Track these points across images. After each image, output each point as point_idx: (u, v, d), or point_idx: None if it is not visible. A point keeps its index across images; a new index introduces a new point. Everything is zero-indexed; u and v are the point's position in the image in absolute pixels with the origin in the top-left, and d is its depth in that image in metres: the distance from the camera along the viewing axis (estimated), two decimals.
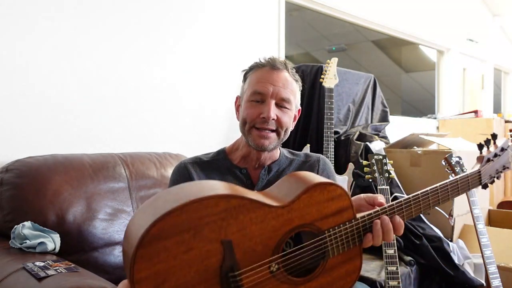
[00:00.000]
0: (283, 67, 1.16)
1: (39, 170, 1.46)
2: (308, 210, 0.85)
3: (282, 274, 0.83)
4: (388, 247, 1.70)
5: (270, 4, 2.71)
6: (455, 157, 1.92)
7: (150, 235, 0.71)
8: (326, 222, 0.87)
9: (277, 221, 0.82)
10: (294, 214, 0.84)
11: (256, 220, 0.80)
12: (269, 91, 1.12)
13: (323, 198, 0.87)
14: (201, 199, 0.75)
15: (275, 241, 0.82)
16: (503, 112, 6.13)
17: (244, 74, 1.22)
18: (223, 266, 0.76)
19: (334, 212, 0.88)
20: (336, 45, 4.63)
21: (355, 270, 0.90)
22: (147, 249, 0.71)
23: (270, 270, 0.81)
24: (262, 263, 0.80)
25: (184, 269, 0.73)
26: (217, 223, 0.76)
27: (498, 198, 3.55)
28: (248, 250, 0.79)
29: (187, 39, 2.24)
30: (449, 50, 4.76)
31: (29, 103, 1.69)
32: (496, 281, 1.72)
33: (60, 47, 1.77)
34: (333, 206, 0.88)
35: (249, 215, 0.79)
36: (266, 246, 0.81)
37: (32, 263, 1.15)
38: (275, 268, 0.82)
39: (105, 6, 1.91)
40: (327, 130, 2.29)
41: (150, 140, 2.08)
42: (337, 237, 0.87)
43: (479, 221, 1.80)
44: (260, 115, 1.12)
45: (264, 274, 0.81)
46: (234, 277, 0.77)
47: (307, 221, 0.85)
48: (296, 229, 0.84)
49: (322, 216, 0.87)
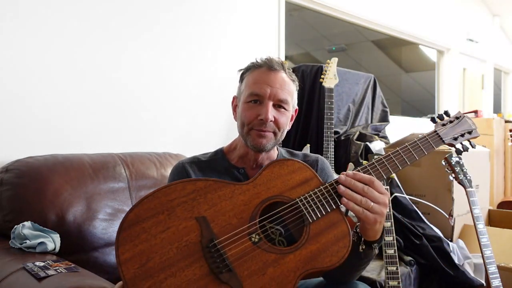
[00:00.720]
0: (280, 68, 1.15)
1: (39, 170, 1.46)
2: (273, 184, 0.91)
3: (266, 244, 0.85)
4: (388, 247, 1.70)
5: (270, 4, 2.70)
6: (455, 157, 1.92)
7: (128, 220, 0.80)
8: (295, 192, 0.92)
9: (245, 196, 0.88)
10: (259, 188, 0.90)
11: (225, 197, 0.87)
12: (266, 93, 1.11)
13: (283, 172, 0.93)
14: (168, 185, 0.85)
15: (248, 213, 0.87)
16: (503, 112, 6.13)
17: (240, 74, 1.21)
18: (202, 240, 0.81)
19: (299, 183, 0.93)
20: (336, 45, 4.63)
21: (344, 234, 0.91)
22: (127, 232, 0.79)
23: (252, 241, 0.84)
24: (239, 231, 0.84)
25: (165, 246, 0.79)
26: (188, 203, 0.84)
27: (498, 198, 3.55)
28: (224, 224, 0.84)
29: (187, 39, 2.24)
30: (449, 50, 4.76)
31: (29, 103, 1.69)
32: (496, 281, 1.72)
33: (60, 48, 1.77)
34: (297, 177, 0.93)
35: (216, 193, 0.86)
36: (241, 218, 0.86)
37: (32, 263, 1.14)
38: (257, 238, 0.85)
39: (105, 8, 1.91)
40: (327, 130, 2.29)
41: (150, 140, 2.08)
42: (309, 201, 0.91)
43: (479, 221, 1.80)
44: (258, 116, 1.12)
45: (247, 245, 0.84)
46: (214, 246, 0.81)
47: (275, 193, 0.91)
48: (266, 201, 0.89)
49: (289, 187, 0.92)
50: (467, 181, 1.86)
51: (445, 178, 2.06)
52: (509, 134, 3.69)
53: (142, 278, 0.75)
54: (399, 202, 2.23)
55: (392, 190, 2.22)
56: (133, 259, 0.77)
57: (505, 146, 3.77)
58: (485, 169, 2.81)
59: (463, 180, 1.86)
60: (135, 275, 0.75)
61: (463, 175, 1.88)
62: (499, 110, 6.23)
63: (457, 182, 1.88)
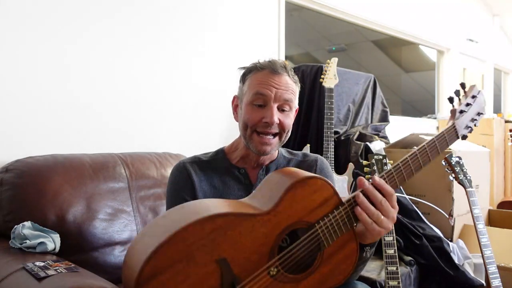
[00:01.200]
0: (283, 71, 1.14)
1: (39, 170, 1.46)
2: (294, 209, 0.85)
3: (283, 275, 0.83)
4: (388, 247, 1.70)
5: (270, 4, 2.70)
6: (455, 157, 1.92)
7: (145, 275, 0.72)
8: (314, 215, 0.87)
9: (266, 228, 0.82)
10: (281, 217, 0.84)
11: (245, 232, 0.80)
12: (271, 95, 1.11)
13: (305, 193, 0.87)
14: (185, 227, 0.76)
15: (268, 246, 0.82)
16: (503, 112, 6.12)
17: (242, 74, 1.21)
18: (223, 284, 0.77)
19: (319, 204, 0.88)
20: (336, 45, 4.63)
21: (352, 252, 0.90)
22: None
23: (270, 275, 0.82)
24: (260, 271, 0.81)
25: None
26: (208, 246, 0.77)
27: (498, 198, 3.55)
28: (244, 262, 0.80)
29: (187, 39, 2.24)
30: (449, 50, 4.76)
31: (29, 103, 1.69)
32: (496, 281, 1.72)
33: (60, 48, 1.77)
34: (318, 198, 0.88)
35: (237, 230, 0.80)
36: (261, 253, 0.82)
37: (32, 263, 1.14)
38: (275, 271, 0.83)
39: (105, 8, 1.91)
40: (327, 130, 2.29)
41: (150, 140, 2.08)
42: (328, 226, 0.87)
43: (479, 221, 1.80)
44: (262, 119, 1.11)
45: (266, 280, 0.82)
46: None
47: (295, 219, 0.85)
48: (286, 230, 0.85)
49: (309, 211, 0.87)
50: (467, 181, 1.86)
51: (445, 178, 2.06)
52: (509, 134, 3.69)
53: None
54: (399, 202, 2.21)
55: None
56: None
57: (505, 146, 3.77)
58: (485, 169, 2.80)
59: (463, 180, 1.86)
60: None
61: (463, 175, 1.88)
62: (499, 110, 6.23)
63: (457, 182, 1.88)
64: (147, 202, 1.70)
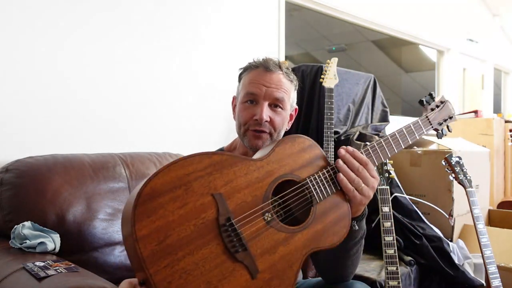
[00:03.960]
0: (276, 68, 1.14)
1: (39, 170, 1.46)
2: (285, 161, 0.92)
3: (277, 224, 0.87)
4: (388, 247, 1.70)
5: (270, 4, 2.70)
6: (455, 157, 1.92)
7: (144, 194, 0.75)
8: (305, 171, 0.94)
9: (259, 173, 0.88)
10: (273, 166, 0.91)
11: (240, 173, 0.86)
12: (261, 93, 1.11)
13: (295, 149, 0.95)
14: (184, 157, 0.83)
15: (262, 191, 0.87)
16: (503, 112, 6.12)
17: (239, 74, 1.22)
18: (219, 218, 0.80)
19: (308, 162, 0.96)
20: (336, 45, 4.63)
21: (345, 215, 0.96)
22: (143, 207, 0.75)
23: (265, 221, 0.85)
24: (255, 211, 0.85)
25: (183, 223, 0.77)
26: (205, 178, 0.81)
27: (498, 198, 3.55)
28: (239, 202, 0.84)
29: (187, 39, 2.24)
30: (449, 50, 4.76)
31: (29, 103, 1.69)
32: (496, 281, 1.72)
33: (60, 48, 1.77)
34: (306, 156, 0.96)
35: (232, 169, 0.85)
36: (255, 197, 0.86)
37: (32, 263, 1.14)
38: (269, 217, 0.86)
39: (107, 9, 1.91)
40: (327, 130, 2.29)
41: (150, 140, 2.08)
42: (318, 182, 0.94)
43: (479, 221, 1.80)
44: (253, 117, 1.12)
45: (261, 225, 0.85)
46: (231, 225, 0.81)
47: (286, 171, 0.92)
48: (279, 179, 0.90)
49: (299, 166, 0.94)
50: (467, 181, 1.86)
51: (445, 178, 2.06)
52: (509, 134, 3.69)
53: (160, 255, 0.73)
54: (399, 202, 2.23)
55: (392, 190, 2.22)
56: (151, 236, 0.74)
57: (505, 146, 3.77)
58: (485, 169, 2.81)
59: (463, 180, 1.87)
60: (153, 253, 0.73)
61: (463, 175, 1.88)
62: (499, 110, 6.23)
63: (457, 182, 1.88)
64: None
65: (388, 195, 1.78)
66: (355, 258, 1.09)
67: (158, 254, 0.73)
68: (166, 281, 0.73)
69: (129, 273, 1.41)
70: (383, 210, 1.75)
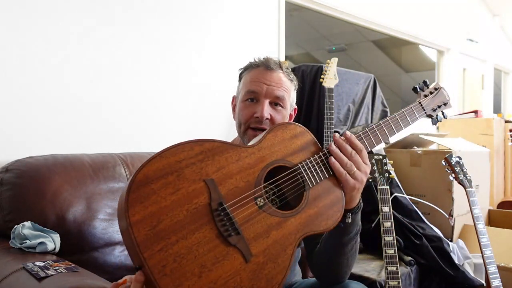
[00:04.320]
0: (277, 67, 1.16)
1: (39, 170, 1.46)
2: (277, 148, 0.93)
3: (270, 208, 0.87)
4: (388, 247, 1.70)
5: (270, 4, 2.70)
6: (455, 157, 1.92)
7: (137, 181, 0.77)
8: (297, 157, 0.95)
9: (251, 159, 0.89)
10: (264, 152, 0.91)
11: (232, 159, 0.87)
12: (262, 90, 1.13)
13: (286, 136, 0.95)
14: (176, 145, 0.83)
15: (254, 177, 0.88)
16: (503, 112, 6.12)
17: (239, 74, 1.22)
18: (211, 203, 0.81)
19: (300, 148, 0.96)
20: (336, 45, 4.63)
21: (338, 199, 0.96)
22: (136, 193, 0.76)
23: (258, 206, 0.86)
24: (247, 195, 0.85)
25: (175, 209, 0.78)
26: (196, 165, 0.83)
27: (498, 198, 3.55)
28: (231, 187, 0.85)
29: (187, 39, 2.24)
30: (449, 50, 4.76)
31: (29, 103, 1.69)
32: (496, 281, 1.72)
33: (60, 48, 1.77)
34: (298, 142, 0.96)
35: (224, 156, 0.86)
36: (248, 182, 0.87)
37: (32, 263, 1.14)
38: (262, 202, 0.86)
39: (107, 9, 1.91)
40: (327, 130, 2.29)
41: (150, 140, 2.08)
42: (310, 167, 0.94)
43: (479, 221, 1.80)
44: (254, 114, 1.13)
45: (253, 209, 0.85)
46: (224, 209, 0.81)
47: (278, 157, 0.92)
48: (270, 165, 0.91)
49: (291, 152, 0.95)
50: (467, 181, 1.86)
51: (445, 178, 2.06)
52: (509, 134, 3.69)
53: (154, 240, 0.74)
54: (399, 202, 2.23)
55: (392, 190, 2.22)
56: (144, 221, 0.75)
57: (505, 146, 3.77)
58: (485, 169, 2.81)
59: (463, 180, 1.87)
60: (147, 237, 0.74)
61: (463, 175, 1.88)
62: (499, 110, 6.23)
63: (457, 182, 1.88)
64: None
65: (388, 195, 1.78)
66: (349, 256, 1.08)
67: (152, 239, 0.74)
68: (160, 264, 0.73)
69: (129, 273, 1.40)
70: (383, 210, 1.75)
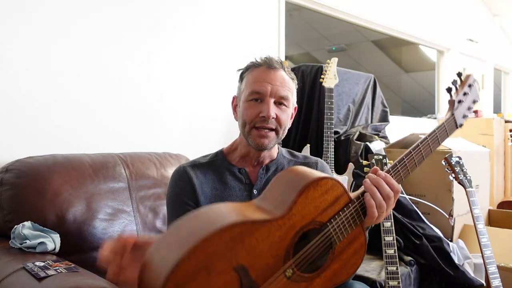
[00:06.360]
0: (280, 66, 1.17)
1: (39, 170, 1.46)
2: (307, 210, 0.87)
3: (298, 276, 0.85)
4: (388, 247, 1.70)
5: (270, 4, 2.70)
6: (455, 157, 1.92)
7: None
8: (326, 214, 0.89)
9: (281, 231, 0.83)
10: (295, 219, 0.85)
11: (262, 238, 0.81)
12: (267, 90, 1.13)
13: (317, 194, 0.88)
14: (203, 239, 0.75)
15: (283, 249, 0.84)
16: (503, 112, 6.12)
17: (240, 74, 1.22)
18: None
19: (331, 203, 0.90)
20: (336, 45, 4.63)
21: (361, 245, 0.93)
22: None
23: (286, 277, 0.83)
24: (277, 274, 0.83)
25: None
26: (226, 255, 0.77)
27: (498, 198, 3.55)
28: (261, 267, 0.81)
29: (187, 39, 2.24)
30: (449, 50, 4.76)
31: (29, 103, 1.69)
32: (496, 281, 1.72)
33: (61, 48, 1.77)
34: (329, 198, 0.89)
35: (254, 236, 0.81)
36: (277, 256, 0.83)
37: (32, 263, 1.14)
38: (290, 272, 0.84)
39: (105, 9, 1.91)
40: (327, 130, 2.29)
41: (150, 140, 2.08)
42: (339, 224, 0.90)
43: (479, 221, 1.80)
44: (259, 114, 1.13)
45: (282, 282, 0.83)
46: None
47: (308, 220, 0.87)
48: (300, 231, 0.86)
49: (321, 210, 0.88)
50: (467, 181, 1.86)
51: (445, 178, 2.06)
52: (509, 134, 3.68)
53: None
54: (399, 202, 2.23)
55: None
56: None
57: (505, 146, 3.77)
58: (485, 169, 2.80)
59: (463, 180, 1.87)
60: None
61: (463, 175, 1.88)
62: (499, 110, 6.23)
63: (457, 182, 1.88)
64: (147, 202, 1.70)
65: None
66: None
67: None
68: None
69: None
70: None
